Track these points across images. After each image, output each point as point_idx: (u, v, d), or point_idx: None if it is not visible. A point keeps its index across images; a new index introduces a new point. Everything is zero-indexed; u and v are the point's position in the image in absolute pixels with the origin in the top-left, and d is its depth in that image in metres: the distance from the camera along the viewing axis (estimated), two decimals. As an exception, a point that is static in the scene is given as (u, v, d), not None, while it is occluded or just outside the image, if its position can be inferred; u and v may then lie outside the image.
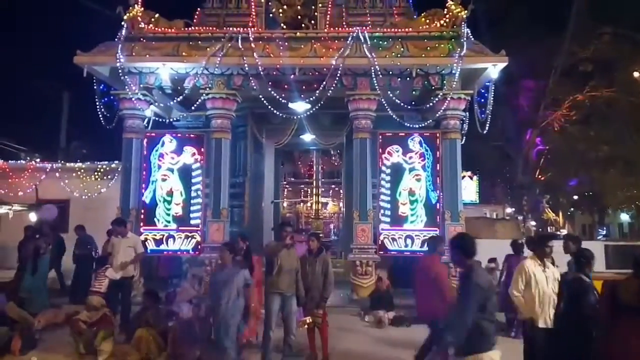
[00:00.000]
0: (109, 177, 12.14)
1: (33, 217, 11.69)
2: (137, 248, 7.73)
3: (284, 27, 10.97)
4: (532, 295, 5.07)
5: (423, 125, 11.02)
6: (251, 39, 10.13)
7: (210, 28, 10.80)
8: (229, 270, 5.48)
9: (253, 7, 11.35)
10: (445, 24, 10.22)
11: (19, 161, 14.46)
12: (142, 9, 10.43)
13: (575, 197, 28.63)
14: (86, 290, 7.32)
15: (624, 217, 30.02)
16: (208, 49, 10.12)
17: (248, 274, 5.65)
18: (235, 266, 5.63)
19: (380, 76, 10.17)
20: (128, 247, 7.67)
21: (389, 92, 10.27)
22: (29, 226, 9.93)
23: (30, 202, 12.04)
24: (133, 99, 10.50)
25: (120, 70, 10.20)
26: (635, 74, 18.43)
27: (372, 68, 9.97)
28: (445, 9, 10.24)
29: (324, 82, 10.12)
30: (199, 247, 10.45)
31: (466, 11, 9.99)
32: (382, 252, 10.45)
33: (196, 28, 10.85)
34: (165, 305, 7.44)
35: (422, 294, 5.54)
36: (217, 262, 6.06)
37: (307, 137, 12.87)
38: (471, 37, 10.15)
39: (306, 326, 6.15)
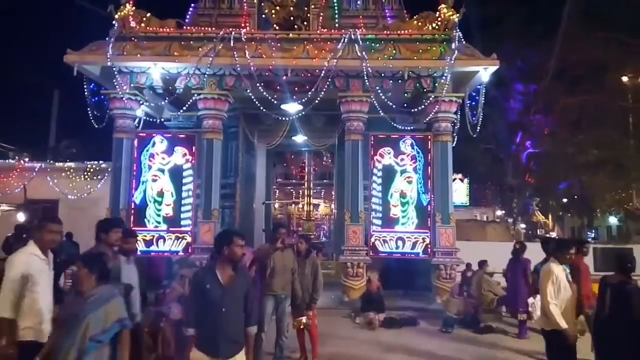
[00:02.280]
0: (99, 177, 12.07)
1: (21, 216, 11.57)
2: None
3: (277, 28, 10.96)
4: (566, 302, 4.80)
5: (415, 127, 11.08)
6: (243, 39, 10.10)
7: (203, 28, 10.76)
8: (82, 301, 3.27)
9: (245, 7, 11.33)
10: (437, 27, 10.26)
11: (7, 160, 14.31)
12: (134, 8, 10.36)
13: (565, 200, 28.87)
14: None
15: (613, 220, 30.28)
16: (200, 49, 10.08)
17: (121, 306, 3.45)
18: (99, 293, 3.34)
19: (373, 78, 10.20)
20: None
21: (381, 94, 10.29)
22: (19, 225, 9.83)
23: (18, 201, 11.92)
24: (124, 99, 10.43)
25: (111, 70, 10.12)
26: (625, 78, 18.66)
27: (365, 70, 9.98)
28: (438, 13, 10.28)
29: (316, 84, 10.12)
30: (190, 248, 10.40)
31: (458, 15, 10.04)
32: (373, 254, 10.46)
33: (188, 28, 10.81)
34: (155, 306, 7.38)
35: None
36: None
37: (299, 138, 12.85)
38: (463, 40, 10.21)
39: (301, 327, 6.14)
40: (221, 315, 3.54)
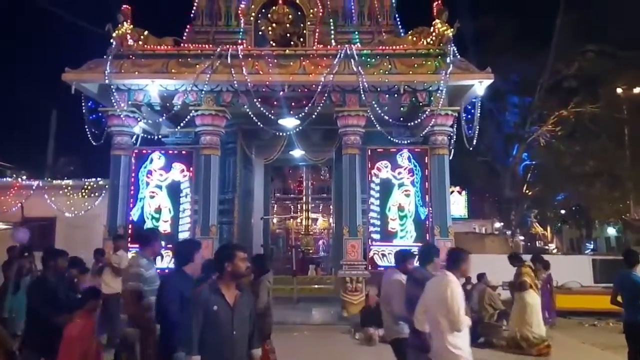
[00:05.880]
0: (97, 194, 12.05)
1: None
2: (120, 265, 7.76)
3: (273, 44, 11.06)
4: None
5: (411, 141, 11.13)
6: (240, 56, 10.18)
7: (200, 45, 10.86)
8: None
9: (242, 24, 11.46)
10: (432, 42, 10.37)
11: (4, 179, 14.28)
12: (131, 26, 10.46)
13: (563, 212, 28.87)
14: None
15: (611, 231, 30.27)
16: (197, 65, 10.15)
17: None
18: None
19: (369, 93, 10.27)
20: (114, 264, 7.76)
21: (377, 109, 10.36)
22: (14, 246, 9.76)
23: (15, 220, 11.87)
24: (121, 116, 10.46)
25: (108, 87, 10.18)
26: (619, 90, 18.84)
27: (361, 85, 10.06)
28: (432, 28, 10.40)
29: (313, 99, 10.18)
30: (188, 264, 10.32)
31: (452, 29, 10.15)
32: (372, 268, 10.41)
33: (185, 45, 10.91)
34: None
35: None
36: None
37: (297, 153, 12.89)
38: (457, 54, 10.31)
39: None
40: (232, 338, 3.30)
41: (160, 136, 11.73)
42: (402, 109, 10.81)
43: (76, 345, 4.46)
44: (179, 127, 10.99)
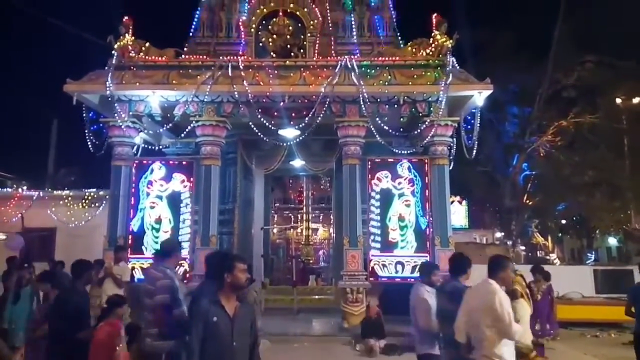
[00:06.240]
0: (97, 204, 12.06)
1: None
2: (123, 277, 7.78)
3: (274, 55, 11.14)
4: None
5: (411, 151, 11.16)
6: (241, 67, 10.24)
7: (201, 56, 10.94)
8: None
9: (243, 36, 11.54)
10: (431, 53, 10.44)
11: (5, 189, 14.30)
12: (133, 38, 10.54)
13: (564, 222, 28.83)
14: None
15: (612, 241, 30.23)
16: (198, 77, 10.21)
17: None
18: None
19: (369, 103, 10.32)
20: (117, 275, 7.77)
21: (377, 119, 10.40)
22: (13, 257, 9.75)
23: (15, 230, 11.86)
24: (122, 127, 10.51)
25: (109, 98, 10.23)
26: (618, 100, 18.92)
27: (361, 95, 10.10)
28: (431, 39, 10.47)
29: (313, 109, 10.23)
30: (187, 275, 10.31)
31: (451, 41, 10.22)
32: (372, 279, 10.38)
33: (186, 56, 10.99)
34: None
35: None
36: None
37: (297, 163, 12.91)
38: (456, 65, 10.38)
39: None
40: (232, 349, 3.28)
41: (160, 147, 11.78)
42: (402, 119, 10.85)
43: (103, 351, 4.45)
44: (179, 138, 11.04)
